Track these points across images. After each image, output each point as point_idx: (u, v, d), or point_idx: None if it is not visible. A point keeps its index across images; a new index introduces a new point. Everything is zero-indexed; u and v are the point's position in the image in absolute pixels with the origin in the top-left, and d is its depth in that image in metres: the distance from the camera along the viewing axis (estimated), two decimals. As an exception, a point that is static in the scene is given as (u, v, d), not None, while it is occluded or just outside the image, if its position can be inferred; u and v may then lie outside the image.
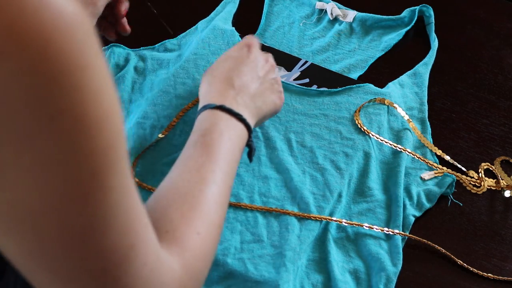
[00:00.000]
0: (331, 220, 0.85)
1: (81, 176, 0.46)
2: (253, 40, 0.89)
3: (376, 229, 0.84)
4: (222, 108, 0.79)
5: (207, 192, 0.69)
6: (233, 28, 1.05)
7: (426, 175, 0.91)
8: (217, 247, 0.69)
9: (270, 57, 0.90)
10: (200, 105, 0.81)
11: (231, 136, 0.77)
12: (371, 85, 0.99)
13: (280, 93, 0.88)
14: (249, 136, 0.80)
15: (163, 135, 0.92)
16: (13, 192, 0.45)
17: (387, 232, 0.84)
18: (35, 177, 0.45)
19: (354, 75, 1.03)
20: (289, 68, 1.02)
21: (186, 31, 1.06)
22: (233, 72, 0.84)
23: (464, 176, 0.91)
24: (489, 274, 0.84)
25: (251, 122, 0.81)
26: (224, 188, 0.72)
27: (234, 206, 0.86)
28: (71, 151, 0.45)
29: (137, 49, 1.03)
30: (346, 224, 0.85)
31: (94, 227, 0.48)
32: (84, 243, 0.48)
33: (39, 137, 0.44)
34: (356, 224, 0.85)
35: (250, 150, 0.82)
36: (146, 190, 0.86)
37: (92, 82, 0.45)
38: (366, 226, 0.85)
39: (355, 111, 0.95)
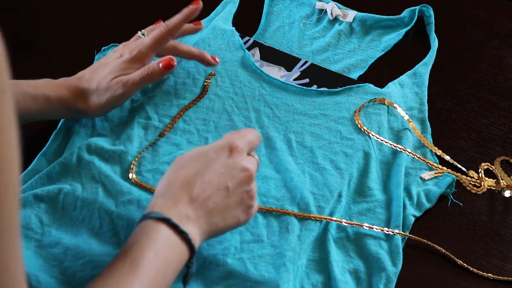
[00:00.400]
0: (331, 220, 0.85)
1: None
2: (241, 142, 0.77)
3: (376, 229, 0.84)
4: (167, 221, 0.70)
5: None
6: (233, 28, 1.05)
7: (426, 175, 0.91)
8: None
9: (252, 164, 0.78)
10: (148, 208, 0.73)
11: (167, 256, 0.69)
12: (371, 85, 0.99)
13: (249, 208, 0.77)
14: (190, 259, 0.72)
15: (162, 135, 0.92)
16: None
17: (387, 232, 0.84)
18: None
19: (354, 75, 1.03)
20: (289, 68, 1.02)
21: (186, 31, 1.06)
22: (197, 178, 0.74)
23: (464, 176, 0.91)
24: (489, 274, 0.84)
25: (198, 241, 0.73)
26: None
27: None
28: None
29: (137, 49, 1.03)
30: (346, 224, 0.85)
31: None
32: None
33: None
34: (356, 224, 0.85)
35: (186, 273, 0.73)
36: (146, 190, 0.86)
37: None
38: (366, 226, 0.85)
39: (355, 111, 0.95)
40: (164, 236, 0.70)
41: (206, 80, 0.98)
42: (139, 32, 0.94)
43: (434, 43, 1.06)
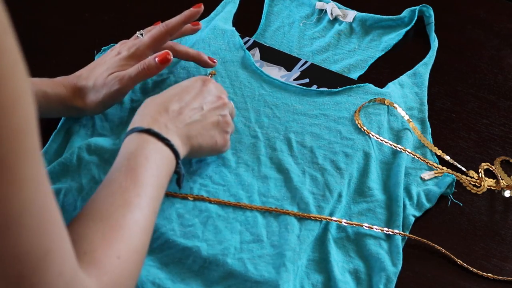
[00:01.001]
0: (331, 220, 0.85)
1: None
2: (212, 80, 0.87)
3: (376, 229, 0.84)
4: (149, 131, 0.76)
5: (130, 217, 0.67)
6: (234, 28, 1.05)
7: (426, 175, 0.91)
8: (139, 272, 0.67)
9: (225, 95, 0.86)
10: (129, 127, 0.78)
11: (157, 161, 0.74)
12: (371, 85, 0.99)
13: (225, 134, 0.85)
14: (177, 163, 0.77)
15: None
16: None
17: (387, 232, 0.84)
18: None
19: (354, 75, 1.03)
20: (289, 68, 1.02)
21: (186, 31, 1.06)
22: (173, 98, 0.81)
23: (464, 176, 0.91)
24: (489, 274, 0.84)
25: (181, 149, 0.78)
26: (149, 214, 0.69)
27: (234, 206, 0.86)
28: None
29: (137, 49, 1.03)
30: (346, 224, 0.85)
31: (8, 226, 0.45)
32: None
33: None
34: (356, 224, 0.85)
35: (178, 177, 0.79)
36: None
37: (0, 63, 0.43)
38: (366, 226, 0.85)
39: (355, 111, 0.95)
40: (150, 143, 0.75)
41: None
42: (137, 32, 0.95)
43: (434, 43, 1.06)
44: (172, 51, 0.94)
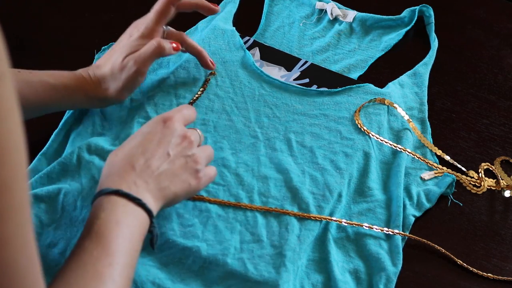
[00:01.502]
0: (331, 220, 0.85)
1: None
2: (174, 113, 0.80)
3: (376, 229, 0.84)
4: (119, 193, 0.71)
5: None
6: (234, 28, 1.05)
7: (426, 175, 0.91)
8: None
9: (192, 133, 0.81)
10: (97, 189, 0.74)
11: (129, 224, 0.70)
12: (371, 85, 0.99)
13: (196, 172, 0.79)
14: (151, 222, 0.73)
15: None
16: None
17: (387, 232, 0.84)
18: None
19: (354, 75, 1.03)
20: (289, 68, 1.02)
21: (186, 31, 1.06)
22: (137, 150, 0.76)
23: (464, 176, 0.91)
24: (489, 274, 0.84)
25: (154, 206, 0.74)
26: (122, 283, 0.66)
27: (234, 206, 0.86)
28: None
29: (137, 49, 1.03)
30: (346, 224, 0.85)
31: None
32: None
33: None
34: (356, 224, 0.85)
35: (152, 237, 0.74)
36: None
37: None
38: (366, 226, 0.85)
39: (355, 111, 0.95)
40: (121, 206, 0.71)
41: (206, 78, 0.98)
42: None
43: (434, 43, 1.06)
44: (181, 40, 0.94)
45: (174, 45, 0.91)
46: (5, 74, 0.43)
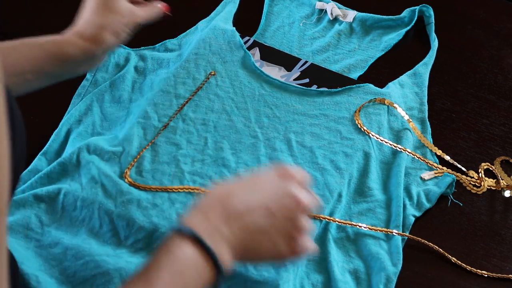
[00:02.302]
0: (329, 219, 0.85)
1: None
2: (295, 170, 0.69)
3: (376, 229, 0.84)
4: (194, 238, 0.63)
5: None
6: (234, 28, 1.05)
7: (426, 175, 0.91)
8: None
9: (306, 197, 0.68)
10: (179, 219, 0.66)
11: (186, 278, 0.62)
12: (371, 85, 0.99)
13: (292, 240, 0.67)
14: (217, 279, 0.65)
15: (159, 133, 0.92)
16: None
17: (387, 232, 0.84)
18: None
19: (354, 75, 1.03)
20: (289, 68, 1.02)
21: (186, 31, 1.06)
22: (238, 191, 0.67)
23: (464, 176, 0.91)
24: (488, 273, 0.84)
25: (227, 260, 0.65)
26: None
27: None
28: None
29: (137, 48, 1.03)
30: (345, 224, 0.85)
31: None
32: None
33: None
34: (354, 225, 0.84)
35: None
36: (145, 190, 0.86)
37: None
38: (364, 227, 0.84)
39: (355, 111, 0.95)
40: (187, 255, 0.62)
41: (207, 78, 0.98)
42: None
43: (434, 43, 1.06)
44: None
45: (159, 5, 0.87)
46: None
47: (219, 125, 0.94)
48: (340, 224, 0.85)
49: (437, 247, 0.85)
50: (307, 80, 1.00)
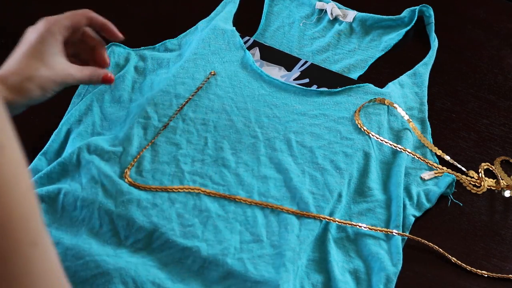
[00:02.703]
0: (329, 219, 0.85)
1: None
2: None
3: (376, 229, 0.84)
4: None
5: None
6: (234, 28, 1.05)
7: (426, 175, 0.91)
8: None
9: None
10: None
11: None
12: (371, 85, 0.99)
13: None
14: None
15: (159, 133, 0.92)
16: None
17: (387, 232, 0.84)
18: None
19: (354, 75, 1.03)
20: (289, 68, 1.02)
21: (186, 31, 1.06)
22: None
23: (464, 176, 0.91)
24: (488, 273, 0.84)
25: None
26: None
27: (234, 206, 0.85)
28: None
29: (137, 48, 1.03)
30: (345, 224, 0.85)
31: None
32: None
33: None
34: (354, 225, 0.85)
35: None
36: (145, 190, 0.86)
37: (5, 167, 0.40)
38: (364, 227, 0.84)
39: (355, 111, 0.95)
40: None
41: (206, 78, 0.98)
42: None
43: (434, 43, 1.06)
44: (89, 19, 0.88)
45: (109, 75, 0.86)
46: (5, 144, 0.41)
47: (219, 125, 0.94)
48: (340, 224, 0.85)
49: (437, 247, 0.85)
50: (307, 80, 1.00)
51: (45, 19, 0.83)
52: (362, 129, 0.93)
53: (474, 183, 0.91)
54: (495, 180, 0.92)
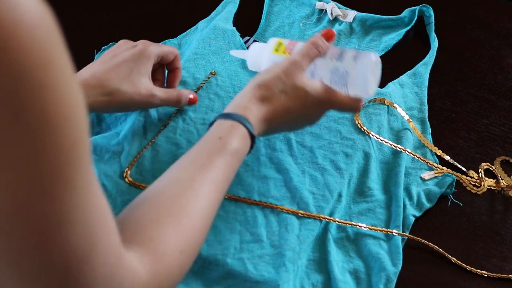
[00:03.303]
0: (329, 219, 0.85)
1: (46, 173, 0.46)
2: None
3: (376, 229, 0.84)
4: (237, 120, 0.77)
5: (202, 218, 0.68)
6: (234, 28, 1.05)
7: (426, 175, 0.91)
8: (186, 272, 0.68)
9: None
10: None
11: (240, 155, 0.76)
12: (371, 85, 0.99)
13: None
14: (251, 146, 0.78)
15: (159, 133, 0.92)
16: None
17: (387, 232, 0.84)
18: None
19: (354, 75, 1.03)
20: (289, 68, 1.02)
21: (186, 31, 1.06)
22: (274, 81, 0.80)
23: (464, 176, 0.91)
24: (488, 273, 0.84)
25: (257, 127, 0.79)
26: (212, 218, 0.71)
27: (234, 205, 0.85)
28: (35, 148, 0.45)
29: (137, 49, 1.03)
30: (345, 224, 0.85)
31: (58, 224, 0.48)
32: (48, 240, 0.49)
33: (2, 134, 0.43)
34: (354, 225, 0.85)
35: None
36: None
37: (55, 79, 0.45)
38: (364, 227, 0.84)
39: (355, 111, 0.95)
40: (227, 125, 0.76)
41: (207, 77, 0.98)
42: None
43: (434, 43, 1.06)
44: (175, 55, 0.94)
45: (191, 96, 0.92)
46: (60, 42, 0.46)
47: (219, 125, 0.94)
48: (340, 224, 0.85)
49: (437, 247, 0.85)
50: (307, 80, 1.00)
51: (143, 41, 0.90)
52: (362, 129, 0.93)
53: (474, 183, 0.91)
54: (495, 180, 0.92)
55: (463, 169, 0.93)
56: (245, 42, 1.04)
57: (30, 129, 0.44)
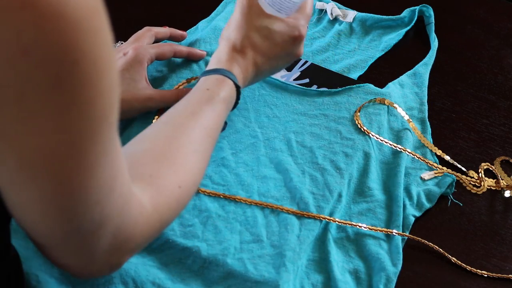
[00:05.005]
0: (329, 219, 0.85)
1: (81, 124, 0.50)
2: (305, 30, 0.87)
3: (376, 229, 0.84)
4: (224, 74, 0.82)
5: (201, 156, 0.74)
6: (233, 28, 1.05)
7: (426, 175, 0.91)
8: (185, 206, 0.73)
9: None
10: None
11: (228, 104, 0.82)
12: (371, 85, 0.99)
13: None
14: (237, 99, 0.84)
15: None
16: (23, 138, 0.49)
17: (387, 232, 0.84)
18: (40, 123, 0.48)
19: (354, 75, 1.03)
20: (289, 68, 1.02)
21: (186, 31, 1.06)
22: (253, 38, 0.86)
23: (464, 176, 0.91)
24: (488, 273, 0.84)
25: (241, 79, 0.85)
26: (209, 155, 0.77)
27: (234, 205, 0.85)
28: (75, 106, 0.49)
29: (137, 49, 1.03)
30: (345, 224, 0.85)
31: (86, 169, 0.53)
32: (79, 179, 0.53)
33: (49, 91, 0.47)
34: (354, 225, 0.85)
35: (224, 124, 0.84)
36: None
37: (99, 46, 0.51)
38: (364, 227, 0.84)
39: (355, 111, 0.95)
40: (231, 89, 0.83)
41: None
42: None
43: (434, 43, 1.06)
44: (174, 51, 0.97)
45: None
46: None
47: (219, 125, 0.94)
48: (340, 224, 0.85)
49: (437, 247, 0.85)
50: (307, 80, 1.00)
51: (134, 46, 0.92)
52: (362, 129, 0.93)
53: (474, 183, 0.91)
54: (495, 180, 0.92)
55: (463, 169, 0.93)
56: (245, 42, 1.04)
57: (71, 93, 0.48)
